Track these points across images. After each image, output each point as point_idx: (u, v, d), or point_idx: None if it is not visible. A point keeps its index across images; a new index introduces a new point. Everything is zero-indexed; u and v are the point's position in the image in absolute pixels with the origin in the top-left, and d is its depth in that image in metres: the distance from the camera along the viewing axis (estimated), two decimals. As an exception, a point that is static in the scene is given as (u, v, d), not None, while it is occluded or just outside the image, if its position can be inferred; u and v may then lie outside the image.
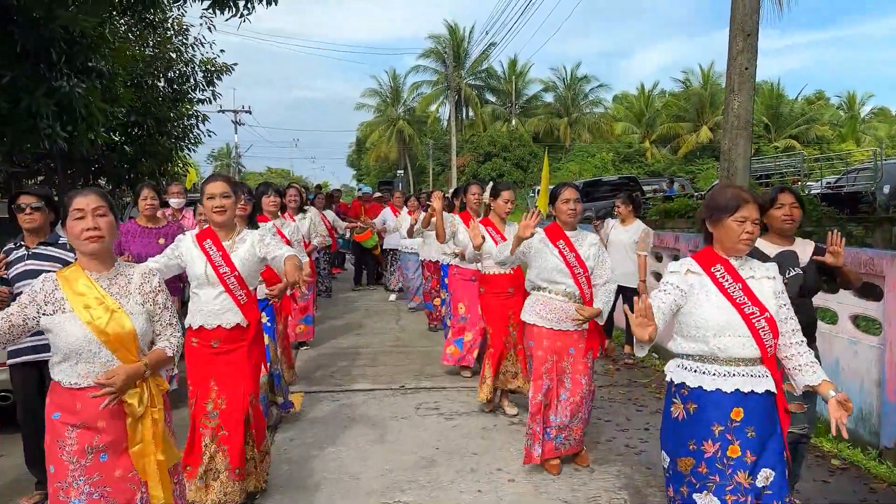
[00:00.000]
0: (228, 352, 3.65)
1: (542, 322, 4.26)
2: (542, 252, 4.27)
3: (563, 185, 4.36)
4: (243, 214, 5.03)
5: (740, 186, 2.93)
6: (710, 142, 41.64)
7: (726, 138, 5.75)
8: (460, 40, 45.50)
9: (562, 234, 4.26)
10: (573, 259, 4.21)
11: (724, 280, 2.74)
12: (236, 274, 3.60)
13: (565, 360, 4.27)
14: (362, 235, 11.39)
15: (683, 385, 2.77)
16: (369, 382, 6.26)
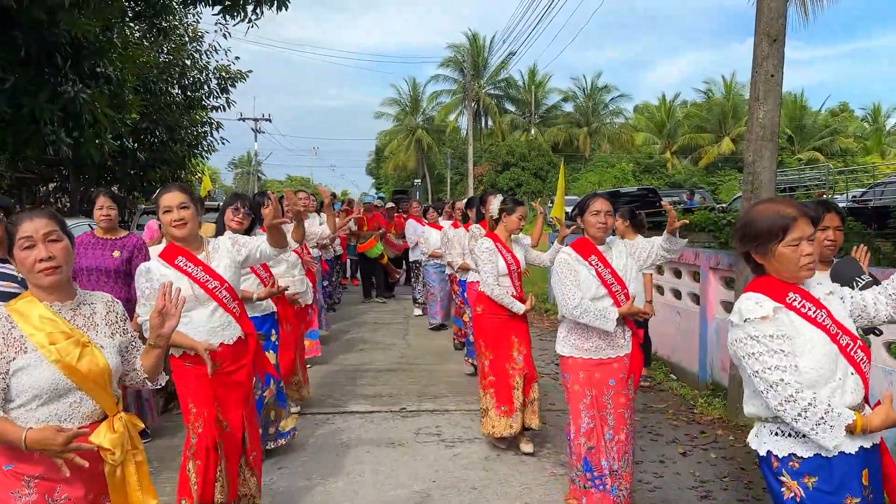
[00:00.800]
0: (232, 372, 3.37)
1: (578, 353, 3.71)
2: (580, 272, 3.71)
3: (594, 196, 3.87)
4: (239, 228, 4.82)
5: (780, 200, 2.41)
6: (732, 153, 41.12)
7: (750, 150, 5.39)
8: (480, 49, 45.32)
9: (593, 249, 3.74)
10: (609, 276, 3.68)
11: (809, 310, 2.22)
12: (227, 286, 3.33)
13: (605, 394, 3.68)
14: (365, 245, 11.06)
15: (792, 457, 2.21)
16: (368, 404, 5.93)
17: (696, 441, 5.16)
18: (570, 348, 3.75)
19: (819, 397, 2.13)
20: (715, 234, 11.46)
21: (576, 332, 3.74)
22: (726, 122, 42.83)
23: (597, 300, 3.65)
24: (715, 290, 6.51)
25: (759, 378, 2.17)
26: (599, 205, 3.75)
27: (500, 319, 4.89)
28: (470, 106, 36.22)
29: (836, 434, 2.12)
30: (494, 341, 4.91)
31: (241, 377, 3.42)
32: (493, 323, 4.92)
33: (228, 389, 3.36)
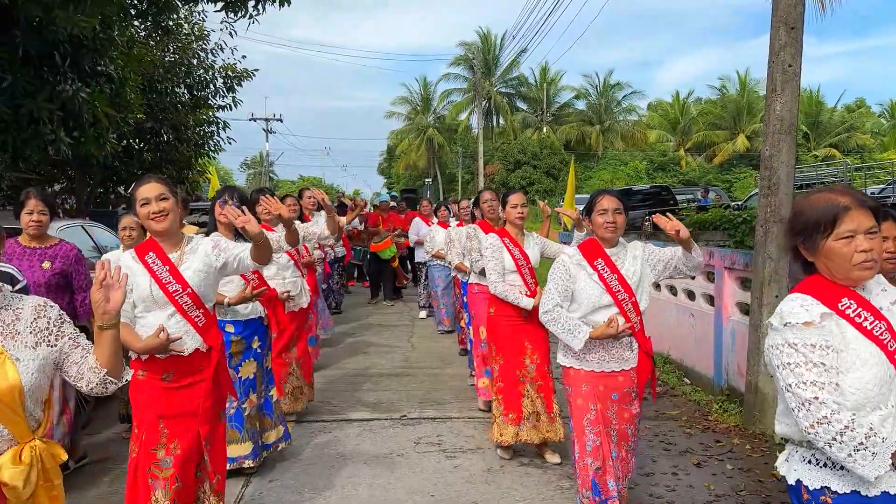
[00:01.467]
0: (186, 387, 3.05)
1: (580, 364, 3.39)
2: (579, 278, 3.40)
3: (601, 193, 3.48)
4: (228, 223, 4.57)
5: (836, 188, 2.04)
6: (747, 150, 40.67)
7: (767, 144, 5.12)
8: (491, 47, 45.03)
9: (600, 252, 3.39)
10: (616, 283, 3.34)
11: (865, 320, 1.90)
12: (189, 291, 3.03)
13: (610, 409, 3.37)
14: (380, 245, 10.79)
15: (825, 490, 1.92)
16: (368, 411, 5.70)
17: (711, 451, 4.90)
18: (571, 359, 3.44)
19: (860, 420, 1.81)
20: (730, 233, 11.14)
21: None
22: (741, 119, 42.33)
23: (600, 309, 3.35)
24: (730, 291, 6.23)
25: (792, 393, 1.87)
26: (607, 202, 3.39)
27: (513, 322, 4.62)
28: (480, 103, 35.92)
29: (878, 463, 1.78)
30: (506, 345, 4.65)
31: (197, 394, 3.08)
32: (506, 326, 4.65)
33: (180, 407, 3.04)
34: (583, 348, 3.32)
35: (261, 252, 3.19)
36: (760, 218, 5.30)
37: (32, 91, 8.46)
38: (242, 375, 4.22)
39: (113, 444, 4.96)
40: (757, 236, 5.36)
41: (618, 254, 3.43)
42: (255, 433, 4.29)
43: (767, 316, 5.19)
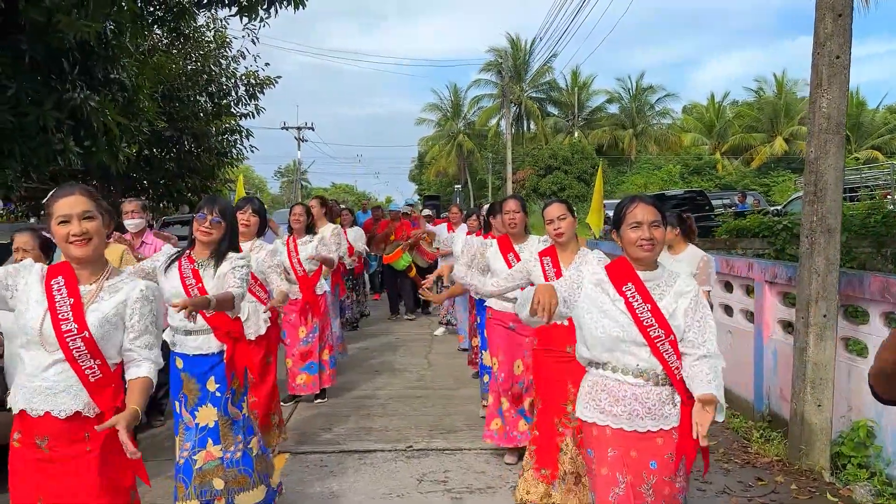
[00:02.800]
0: (64, 459, 2.39)
1: (606, 419, 2.67)
2: (600, 303, 2.70)
3: (633, 200, 2.73)
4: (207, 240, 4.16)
5: None
6: (785, 153, 39.58)
7: (812, 145, 4.57)
8: (523, 52, 44.54)
9: (631, 275, 2.68)
10: (648, 315, 2.61)
11: None
12: (85, 335, 2.38)
13: (645, 482, 2.63)
14: (391, 256, 10.23)
15: None
16: (372, 440, 5.23)
17: (752, 491, 4.35)
18: (594, 410, 2.71)
19: None
20: (770, 241, 10.54)
21: (603, 389, 2.70)
22: (779, 122, 41.25)
23: (625, 346, 2.64)
24: (772, 307, 5.67)
25: None
26: (641, 213, 2.64)
27: (555, 359, 3.91)
28: (508, 109, 35.43)
29: None
30: (546, 387, 3.98)
31: (79, 468, 2.39)
32: (548, 363, 3.98)
33: (55, 482, 2.39)
34: (606, 396, 2.67)
35: None
36: (805, 227, 4.74)
37: (39, 99, 8.22)
38: (200, 422, 3.55)
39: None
40: (802, 248, 4.80)
41: (657, 280, 2.70)
42: (207, 491, 3.53)
43: (815, 338, 4.64)
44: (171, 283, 3.51)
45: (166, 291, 3.48)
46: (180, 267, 3.54)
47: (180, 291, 3.46)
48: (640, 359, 2.63)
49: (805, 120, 39.01)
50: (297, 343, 6.05)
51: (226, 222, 3.58)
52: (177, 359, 3.59)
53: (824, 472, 4.60)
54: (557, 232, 4.01)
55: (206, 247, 3.59)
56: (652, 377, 2.64)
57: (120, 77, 9.63)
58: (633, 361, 2.64)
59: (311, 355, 6.10)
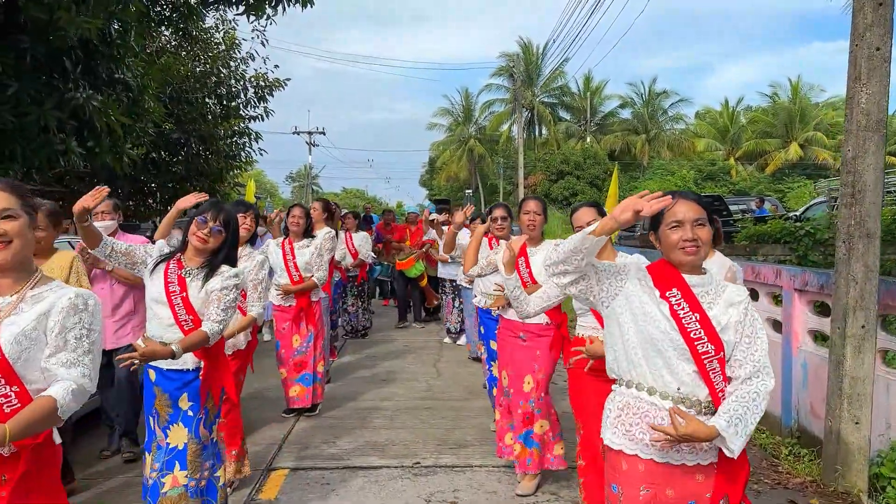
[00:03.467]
0: None
1: (636, 447, 2.30)
2: (641, 301, 2.33)
3: (671, 195, 2.31)
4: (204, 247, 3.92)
5: None
6: (800, 159, 39.06)
7: (850, 143, 4.26)
8: (534, 57, 44.28)
9: (677, 280, 2.32)
10: (695, 325, 2.24)
11: None
12: None
13: None
14: (405, 263, 9.91)
15: None
16: (377, 456, 4.94)
17: (785, 517, 4.03)
18: (622, 437, 2.32)
19: None
20: (792, 246, 10.19)
21: (633, 412, 2.32)
22: (793, 127, 40.78)
23: (667, 356, 2.25)
24: (801, 317, 5.35)
25: None
26: (682, 210, 2.28)
27: (594, 377, 3.33)
28: (521, 113, 35.15)
29: None
30: (588, 410, 3.41)
31: None
32: (588, 383, 3.41)
33: None
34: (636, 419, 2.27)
35: None
36: (842, 231, 4.42)
37: (40, 99, 8.02)
38: (171, 441, 3.20)
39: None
40: (838, 254, 4.48)
41: (705, 287, 2.33)
42: None
43: (852, 351, 4.32)
44: (154, 286, 3.23)
45: (149, 294, 3.24)
46: (167, 271, 3.23)
47: (162, 298, 3.19)
48: (681, 380, 2.26)
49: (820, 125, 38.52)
50: (291, 353, 5.70)
51: (227, 233, 3.26)
52: (150, 371, 3.28)
53: (862, 494, 4.29)
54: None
55: (200, 254, 3.27)
56: (694, 404, 2.25)
57: (125, 77, 9.42)
58: (672, 384, 2.27)
59: (305, 366, 5.73)
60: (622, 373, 2.38)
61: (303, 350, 5.72)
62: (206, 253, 3.25)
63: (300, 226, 5.78)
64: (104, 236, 3.16)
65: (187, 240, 3.27)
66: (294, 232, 5.79)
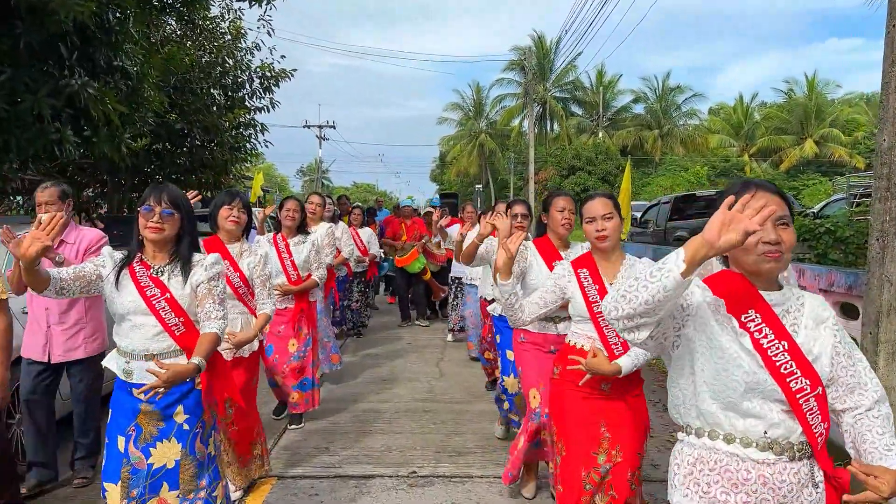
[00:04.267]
0: None
1: None
2: (717, 336, 1.83)
3: (748, 186, 1.86)
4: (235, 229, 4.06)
5: None
6: (815, 156, 38.51)
7: (885, 132, 3.94)
8: (546, 52, 43.85)
9: (754, 298, 1.84)
10: (786, 359, 1.80)
11: None
12: None
13: None
14: (405, 259, 9.49)
15: None
16: (371, 464, 4.61)
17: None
18: (698, 501, 1.87)
19: None
20: (811, 244, 9.81)
21: (713, 469, 1.86)
22: (809, 124, 40.24)
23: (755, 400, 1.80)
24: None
25: None
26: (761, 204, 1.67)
27: (584, 395, 3.01)
28: (532, 107, 34.76)
29: None
30: (572, 429, 3.02)
31: None
32: (575, 399, 3.03)
33: None
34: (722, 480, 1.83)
35: None
36: (875, 228, 4.09)
37: (34, 87, 7.79)
38: (155, 462, 2.80)
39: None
40: (871, 253, 4.15)
41: (785, 305, 1.87)
42: None
43: (886, 358, 3.99)
44: (126, 297, 2.80)
45: (121, 307, 2.80)
46: (135, 276, 2.82)
47: (142, 306, 2.78)
48: (769, 421, 1.80)
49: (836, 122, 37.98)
50: (287, 358, 5.23)
51: (180, 213, 2.84)
52: (134, 391, 2.83)
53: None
54: (600, 234, 3.09)
55: (160, 248, 2.88)
56: (787, 448, 1.81)
57: (123, 64, 9.18)
58: (758, 426, 1.80)
59: (304, 371, 5.29)
60: (690, 419, 1.92)
61: (301, 355, 5.28)
62: (167, 244, 2.87)
63: (295, 220, 5.38)
64: (51, 274, 2.66)
65: (140, 239, 2.88)
66: (288, 227, 5.39)
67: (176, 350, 2.83)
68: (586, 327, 3.09)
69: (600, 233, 3.07)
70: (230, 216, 4.06)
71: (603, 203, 3.12)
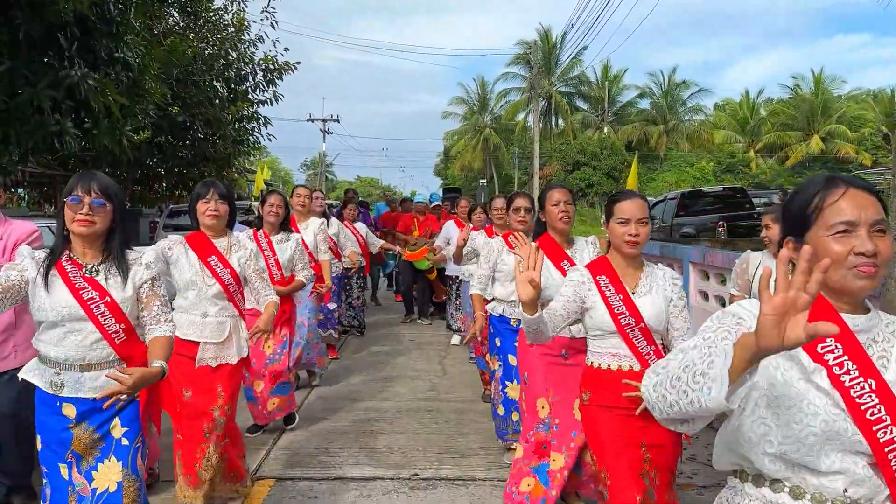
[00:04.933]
0: None
1: None
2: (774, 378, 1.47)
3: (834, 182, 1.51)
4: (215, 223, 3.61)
5: None
6: (821, 152, 38.27)
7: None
8: (552, 47, 43.62)
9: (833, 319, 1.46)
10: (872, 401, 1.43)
11: None
12: None
13: None
14: (415, 254, 9.26)
15: None
16: (371, 465, 4.48)
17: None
18: None
19: None
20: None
21: None
22: (815, 120, 39.95)
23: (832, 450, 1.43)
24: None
25: None
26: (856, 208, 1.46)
27: (621, 416, 2.69)
28: (536, 101, 34.58)
29: None
30: (612, 453, 2.68)
31: None
32: (609, 422, 2.70)
33: None
34: None
35: None
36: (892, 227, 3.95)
37: (34, 79, 7.70)
38: (98, 486, 2.52)
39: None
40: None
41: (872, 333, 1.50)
42: None
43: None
44: (58, 301, 2.48)
45: (53, 312, 2.48)
46: (66, 276, 2.50)
47: (77, 311, 2.48)
48: (852, 476, 1.43)
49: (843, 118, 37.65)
50: (263, 361, 4.86)
51: (112, 205, 2.54)
52: (64, 406, 2.52)
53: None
54: (632, 240, 2.71)
55: (90, 243, 2.56)
56: None
57: (125, 56, 9.08)
58: (835, 482, 1.44)
59: (281, 375, 4.92)
60: (746, 463, 1.58)
61: (277, 357, 4.92)
62: (98, 239, 2.56)
63: (279, 216, 4.95)
64: None
65: (66, 234, 2.57)
66: (271, 224, 4.94)
67: (115, 359, 2.55)
68: (610, 343, 2.73)
69: (633, 238, 2.71)
70: (207, 210, 3.57)
71: (640, 206, 2.75)
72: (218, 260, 3.57)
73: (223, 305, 3.57)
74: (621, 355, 2.72)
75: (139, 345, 2.62)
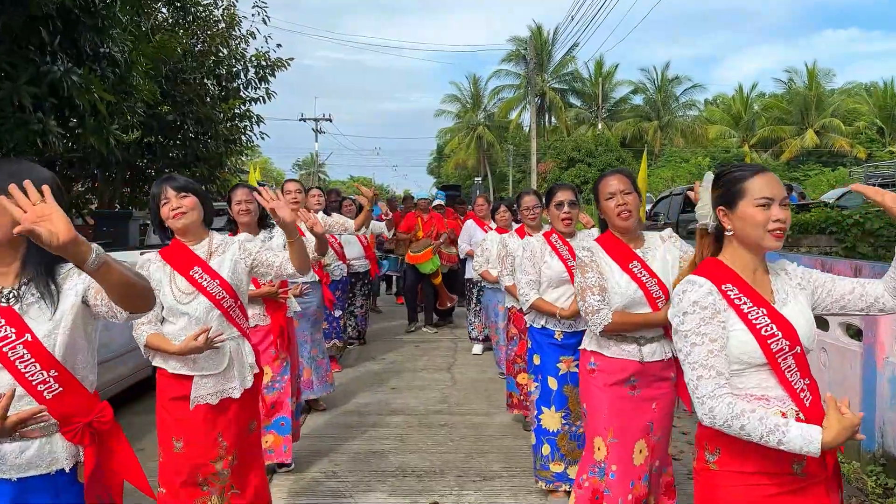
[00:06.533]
0: None
1: None
2: None
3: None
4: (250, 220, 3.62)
5: None
6: (816, 146, 38.10)
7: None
8: (545, 43, 43.36)
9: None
10: None
11: None
12: None
13: None
14: (419, 256, 8.65)
15: None
16: (386, 489, 4.06)
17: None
18: None
19: None
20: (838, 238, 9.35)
21: None
22: (809, 114, 39.85)
23: None
24: (890, 323, 4.53)
25: None
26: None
27: (777, 486, 1.91)
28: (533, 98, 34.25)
29: None
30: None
31: None
32: (749, 498, 1.91)
33: None
34: None
35: None
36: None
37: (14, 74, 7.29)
38: None
39: None
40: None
41: None
42: None
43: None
44: None
45: None
46: None
47: None
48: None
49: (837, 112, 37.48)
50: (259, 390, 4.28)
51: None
52: None
53: None
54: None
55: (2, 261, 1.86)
56: None
57: (111, 51, 8.68)
58: None
59: (281, 406, 4.22)
60: None
61: (278, 386, 4.25)
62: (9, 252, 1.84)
63: (252, 212, 4.04)
64: None
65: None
66: (245, 223, 4.04)
67: (46, 423, 1.83)
68: (752, 381, 1.90)
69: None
70: (171, 211, 2.82)
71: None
72: (203, 271, 2.84)
73: (219, 327, 2.85)
74: (770, 397, 1.92)
75: (80, 395, 1.89)
